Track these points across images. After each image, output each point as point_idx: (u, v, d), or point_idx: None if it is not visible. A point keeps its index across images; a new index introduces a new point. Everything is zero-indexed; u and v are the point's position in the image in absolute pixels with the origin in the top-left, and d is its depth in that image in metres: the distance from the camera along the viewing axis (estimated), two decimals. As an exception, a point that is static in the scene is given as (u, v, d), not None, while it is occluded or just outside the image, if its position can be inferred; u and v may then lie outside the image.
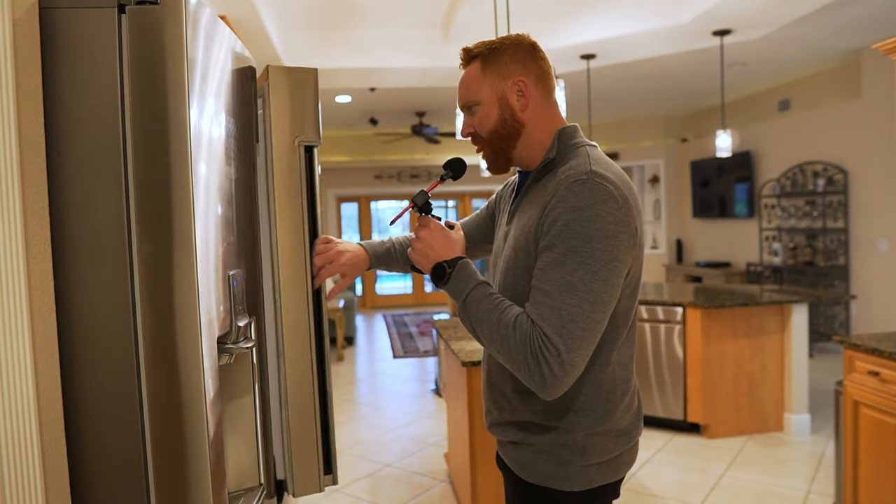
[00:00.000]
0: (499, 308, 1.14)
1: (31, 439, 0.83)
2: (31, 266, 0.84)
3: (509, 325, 1.11)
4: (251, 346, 1.12)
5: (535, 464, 1.25)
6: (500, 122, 1.24)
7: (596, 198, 1.09)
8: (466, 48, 1.26)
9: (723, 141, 5.00)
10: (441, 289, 1.22)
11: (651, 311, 4.17)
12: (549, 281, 1.09)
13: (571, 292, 1.07)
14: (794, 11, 4.40)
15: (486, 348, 1.20)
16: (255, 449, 1.20)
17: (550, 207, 1.12)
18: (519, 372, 1.11)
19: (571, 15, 4.97)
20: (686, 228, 9.01)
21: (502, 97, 1.23)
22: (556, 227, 1.10)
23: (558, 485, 1.23)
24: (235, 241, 1.18)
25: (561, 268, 1.08)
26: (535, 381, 1.09)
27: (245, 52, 1.28)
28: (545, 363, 1.07)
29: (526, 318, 1.11)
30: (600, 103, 7.39)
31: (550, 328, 1.07)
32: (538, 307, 1.10)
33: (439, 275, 1.21)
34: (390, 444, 4.14)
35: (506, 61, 1.22)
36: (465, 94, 1.27)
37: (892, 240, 5.63)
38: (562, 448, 1.22)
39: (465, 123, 1.29)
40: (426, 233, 1.24)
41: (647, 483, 3.40)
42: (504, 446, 1.34)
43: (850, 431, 2.65)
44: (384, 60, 5.42)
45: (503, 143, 1.25)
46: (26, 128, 0.85)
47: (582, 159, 1.17)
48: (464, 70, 1.28)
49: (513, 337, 1.10)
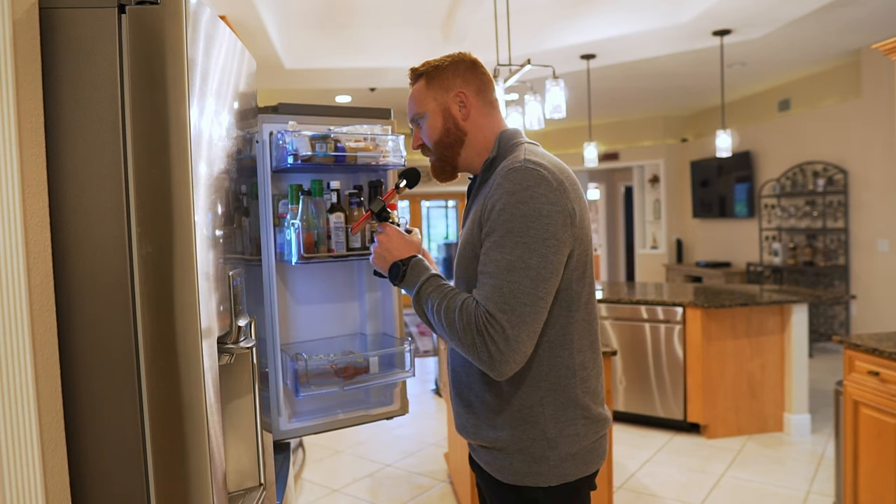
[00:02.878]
0: (447, 295, 1.21)
1: (31, 439, 0.83)
2: (31, 266, 0.84)
3: (456, 309, 1.17)
4: (251, 346, 1.12)
5: (509, 464, 1.26)
6: (444, 131, 1.34)
7: (529, 181, 1.16)
8: (413, 68, 1.37)
9: (723, 141, 5.00)
10: (399, 287, 1.31)
11: (651, 311, 4.17)
12: (490, 263, 1.16)
13: (511, 271, 1.13)
14: (794, 11, 4.40)
15: (441, 337, 1.25)
16: (255, 449, 1.20)
17: (488, 196, 1.21)
18: (469, 353, 1.16)
19: (571, 15, 4.97)
20: (686, 228, 9.01)
21: (445, 108, 1.33)
22: (495, 213, 1.17)
23: (534, 482, 1.25)
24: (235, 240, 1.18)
25: (500, 249, 1.15)
26: (483, 360, 1.14)
27: (245, 52, 1.28)
28: (491, 341, 1.12)
29: (472, 300, 1.16)
30: (600, 103, 7.39)
31: (493, 306, 1.12)
32: (482, 288, 1.16)
33: (395, 273, 1.30)
34: (390, 444, 4.14)
35: (448, 76, 1.33)
36: (412, 107, 1.37)
37: (892, 240, 5.63)
38: (532, 443, 1.24)
39: (415, 136, 1.39)
40: (384, 237, 1.34)
41: (647, 483, 3.40)
42: (476, 450, 1.36)
43: (850, 431, 2.65)
44: (384, 60, 5.42)
45: (448, 151, 1.35)
46: (26, 128, 0.85)
47: (519, 153, 1.26)
48: (411, 88, 1.39)
49: (460, 319, 1.16)
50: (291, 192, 1.66)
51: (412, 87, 1.38)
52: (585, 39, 4.99)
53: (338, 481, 3.55)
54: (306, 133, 1.63)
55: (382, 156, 1.72)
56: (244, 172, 1.29)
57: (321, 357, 1.71)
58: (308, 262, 1.64)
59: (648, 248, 9.52)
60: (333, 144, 1.66)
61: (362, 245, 1.70)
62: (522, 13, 4.57)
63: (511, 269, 1.13)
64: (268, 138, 1.65)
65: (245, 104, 1.31)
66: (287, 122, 1.66)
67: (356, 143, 1.70)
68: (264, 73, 5.41)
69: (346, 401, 1.86)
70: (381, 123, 1.78)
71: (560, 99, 3.89)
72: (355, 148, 1.69)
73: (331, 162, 1.65)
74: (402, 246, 1.33)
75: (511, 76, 3.77)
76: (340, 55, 5.43)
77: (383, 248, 1.33)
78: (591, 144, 5.90)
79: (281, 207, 1.72)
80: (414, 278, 1.27)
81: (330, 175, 1.82)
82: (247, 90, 1.32)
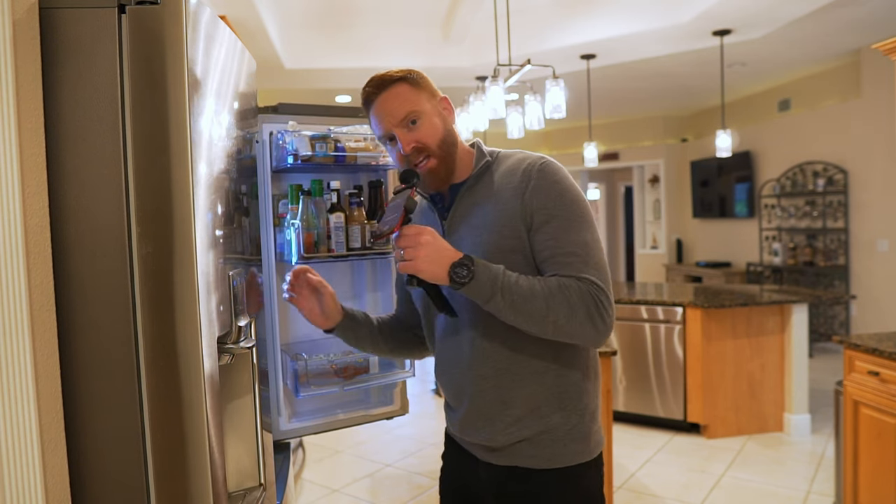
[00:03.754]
0: (535, 280, 1.17)
1: (31, 439, 0.83)
2: (31, 266, 0.84)
3: (557, 289, 1.16)
4: (251, 346, 1.12)
5: (562, 446, 1.26)
6: (446, 132, 1.28)
7: (564, 172, 1.27)
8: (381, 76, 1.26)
9: (723, 141, 5.00)
10: (460, 290, 1.14)
11: (651, 311, 4.17)
12: (568, 244, 1.19)
13: (590, 246, 1.20)
14: (794, 11, 4.39)
15: (533, 326, 1.16)
16: (255, 449, 1.20)
17: (533, 188, 1.22)
18: (581, 328, 1.16)
19: (571, 15, 4.97)
20: (686, 228, 9.01)
21: (438, 112, 1.30)
22: (550, 201, 1.21)
23: (583, 457, 1.28)
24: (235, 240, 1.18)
25: (571, 231, 1.20)
26: (597, 329, 1.16)
27: (245, 52, 1.28)
28: (604, 309, 1.16)
29: (565, 278, 1.17)
30: (600, 103, 7.38)
31: (595, 277, 1.17)
32: (573, 266, 1.18)
33: (461, 273, 1.13)
34: (390, 444, 4.14)
35: (428, 84, 1.30)
36: (403, 107, 1.24)
37: (892, 240, 5.62)
38: (580, 420, 1.28)
39: (408, 139, 1.24)
40: (428, 237, 1.15)
41: (647, 483, 3.40)
42: (506, 450, 1.28)
43: (850, 431, 2.65)
44: (384, 60, 5.42)
45: (451, 150, 1.29)
46: (26, 128, 0.85)
47: (519, 154, 1.32)
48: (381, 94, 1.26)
49: (569, 296, 1.15)
50: (291, 192, 1.66)
51: (382, 91, 1.26)
52: (585, 39, 4.99)
53: (338, 481, 3.55)
54: (306, 133, 1.63)
55: (382, 156, 1.72)
56: (244, 172, 1.29)
57: (321, 357, 1.71)
58: (308, 263, 1.63)
59: (648, 248, 9.52)
60: (333, 144, 1.66)
61: (362, 245, 1.69)
62: (522, 13, 4.57)
63: (588, 245, 1.20)
64: (268, 138, 1.65)
65: (245, 104, 1.31)
66: (287, 122, 1.65)
67: (356, 143, 1.70)
68: (264, 73, 5.41)
69: (346, 401, 1.86)
70: (381, 123, 1.78)
71: (560, 99, 3.88)
72: (355, 148, 1.69)
73: (331, 162, 1.65)
74: (447, 244, 1.17)
75: (511, 76, 3.77)
76: (340, 55, 5.43)
77: (432, 248, 1.14)
78: (591, 144, 5.90)
79: (281, 207, 1.72)
80: (489, 273, 1.14)
81: (330, 175, 1.82)
82: (247, 90, 1.32)
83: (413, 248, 1.14)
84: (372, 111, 1.29)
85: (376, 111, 1.27)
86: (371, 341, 1.48)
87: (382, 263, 1.89)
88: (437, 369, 1.40)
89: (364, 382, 1.76)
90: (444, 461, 1.49)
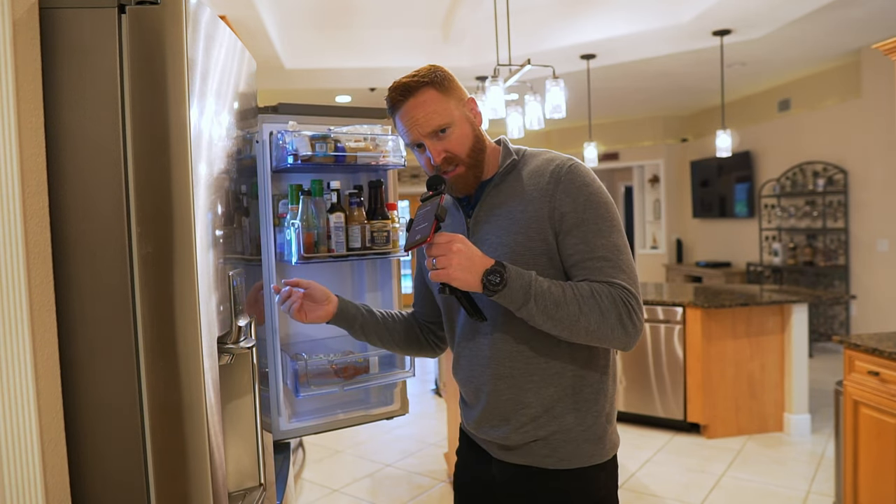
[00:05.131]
0: (567, 286, 1.17)
1: (31, 439, 0.83)
2: (31, 266, 0.84)
3: (589, 294, 1.16)
4: (251, 346, 1.12)
5: (575, 447, 1.26)
6: (476, 138, 1.28)
7: (592, 175, 1.26)
8: (404, 83, 1.24)
9: (723, 141, 5.00)
10: (492, 297, 1.14)
11: (651, 311, 4.17)
12: (598, 248, 1.19)
13: (619, 251, 1.20)
14: (794, 11, 4.39)
15: (564, 331, 1.17)
16: (255, 449, 1.19)
17: (563, 191, 1.22)
18: (612, 332, 1.16)
19: (571, 15, 4.97)
20: (686, 228, 9.01)
21: (466, 116, 1.28)
22: (579, 205, 1.21)
23: (599, 459, 1.28)
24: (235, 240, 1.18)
25: (601, 235, 1.20)
26: (628, 333, 1.17)
27: (245, 52, 1.28)
28: (635, 314, 1.17)
29: (597, 284, 1.17)
30: (600, 103, 7.39)
31: (625, 282, 1.18)
32: (603, 270, 1.18)
33: (494, 281, 1.12)
34: (390, 444, 4.14)
35: (455, 86, 1.28)
36: (433, 118, 1.22)
37: (892, 240, 5.62)
38: (595, 421, 1.27)
39: (438, 149, 1.23)
40: (460, 245, 1.13)
41: (647, 483, 3.40)
42: (521, 449, 1.29)
43: (850, 431, 2.65)
44: (384, 60, 5.42)
45: (480, 157, 1.28)
46: (26, 128, 0.85)
47: (547, 154, 1.30)
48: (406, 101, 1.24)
49: (601, 302, 1.15)
50: (291, 192, 1.66)
51: (407, 100, 1.24)
52: (585, 39, 4.99)
53: (338, 481, 3.55)
54: (306, 133, 1.63)
55: (382, 156, 1.72)
56: (244, 172, 1.29)
57: (321, 357, 1.71)
58: (308, 262, 1.63)
59: (648, 248, 9.51)
60: (333, 144, 1.66)
61: (362, 245, 1.69)
62: (522, 13, 4.57)
63: (618, 249, 1.20)
64: (268, 138, 1.65)
65: (245, 104, 1.31)
66: (287, 122, 1.65)
67: (356, 143, 1.69)
68: (264, 73, 5.41)
69: (346, 401, 1.86)
70: (380, 123, 1.78)
71: (560, 99, 3.89)
72: (355, 148, 1.69)
73: (331, 162, 1.65)
74: (479, 252, 1.16)
75: (511, 76, 3.77)
76: (340, 55, 5.43)
77: (465, 257, 1.12)
78: (591, 144, 5.90)
79: (281, 207, 1.72)
80: (521, 280, 1.14)
81: (330, 175, 1.82)
82: (247, 90, 1.32)
83: (445, 257, 1.13)
84: (398, 116, 1.26)
85: (403, 118, 1.25)
86: (378, 337, 1.49)
87: (382, 263, 1.89)
88: (454, 366, 1.40)
89: (364, 382, 1.76)
90: (458, 457, 1.50)
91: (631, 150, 9.20)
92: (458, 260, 1.12)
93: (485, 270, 1.13)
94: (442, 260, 1.13)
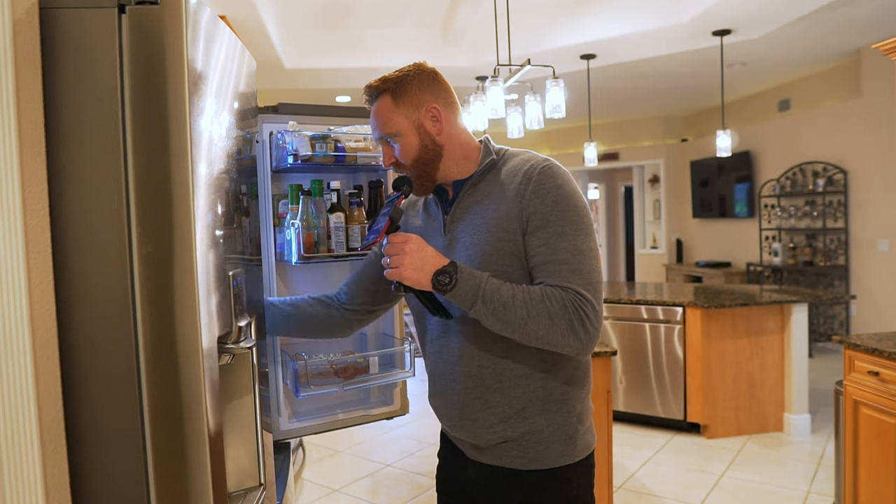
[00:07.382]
0: (519, 289, 1.18)
1: (31, 439, 0.83)
2: (31, 266, 0.84)
3: (539, 299, 1.16)
4: (251, 346, 1.12)
5: (544, 448, 1.27)
6: (422, 148, 1.29)
7: (566, 177, 1.25)
8: (370, 85, 1.30)
9: (723, 141, 5.00)
10: (444, 296, 1.18)
11: (651, 311, 4.17)
12: (559, 251, 1.19)
13: (582, 254, 1.19)
14: (794, 11, 4.39)
15: (515, 334, 1.19)
16: (255, 449, 1.20)
17: (532, 192, 1.22)
18: (562, 338, 1.16)
19: (571, 15, 4.97)
20: (686, 228, 9.01)
21: (419, 125, 1.28)
22: (546, 206, 1.21)
23: (569, 459, 1.28)
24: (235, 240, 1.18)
25: (564, 238, 1.20)
26: (580, 339, 1.16)
27: (245, 52, 1.28)
28: (587, 319, 1.16)
29: (550, 287, 1.17)
30: (600, 103, 7.38)
31: (581, 287, 1.17)
32: (560, 274, 1.18)
33: (444, 281, 1.17)
34: (390, 444, 4.14)
35: (414, 91, 1.28)
36: (381, 126, 1.30)
37: (892, 240, 5.62)
38: (565, 422, 1.28)
39: (387, 154, 1.32)
40: (414, 246, 1.19)
41: (647, 483, 3.40)
42: (491, 450, 1.30)
43: (849, 431, 2.65)
44: (384, 60, 5.42)
45: (427, 167, 1.30)
46: (26, 128, 0.85)
47: (525, 154, 1.30)
48: (372, 105, 1.31)
49: (550, 307, 1.16)
50: (291, 192, 1.66)
51: (372, 104, 1.30)
52: (585, 39, 4.99)
53: (338, 481, 3.55)
54: (306, 133, 1.63)
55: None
56: (244, 172, 1.29)
57: (321, 357, 1.71)
58: (308, 262, 1.64)
59: (648, 248, 9.52)
60: (333, 144, 1.66)
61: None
62: (522, 13, 4.57)
63: (581, 253, 1.19)
64: (268, 138, 1.65)
65: (245, 104, 1.31)
66: (287, 122, 1.65)
67: (356, 143, 1.70)
68: (264, 73, 5.41)
69: (346, 401, 1.86)
70: (381, 123, 1.78)
71: (560, 99, 3.88)
72: (355, 148, 1.69)
73: (331, 162, 1.65)
74: (433, 252, 1.20)
75: (511, 76, 3.77)
76: (340, 55, 5.43)
77: (417, 257, 1.18)
78: (591, 144, 5.90)
79: (281, 207, 1.72)
80: (471, 281, 1.17)
81: (330, 175, 1.82)
82: (247, 90, 1.32)
83: (398, 256, 1.19)
84: None
85: (370, 118, 1.33)
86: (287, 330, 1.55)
87: (382, 263, 1.88)
88: (427, 365, 1.43)
89: (364, 382, 1.76)
90: (439, 458, 1.52)
91: (631, 150, 9.20)
92: (410, 260, 1.18)
93: (435, 270, 1.18)
94: (395, 259, 1.19)
